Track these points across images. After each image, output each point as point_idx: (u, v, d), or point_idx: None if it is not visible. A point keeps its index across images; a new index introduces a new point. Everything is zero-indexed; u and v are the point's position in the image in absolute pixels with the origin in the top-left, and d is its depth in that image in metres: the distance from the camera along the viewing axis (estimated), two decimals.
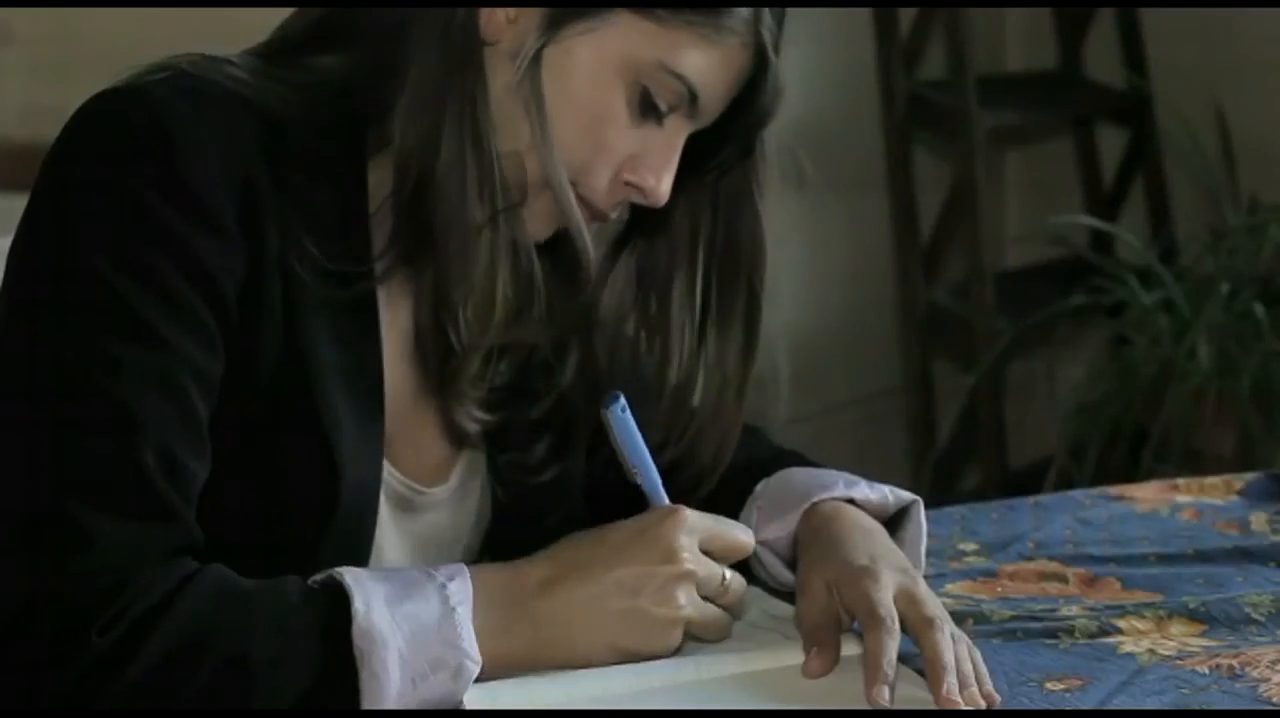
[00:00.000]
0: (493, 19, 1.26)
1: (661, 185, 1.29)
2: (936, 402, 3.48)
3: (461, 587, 1.19)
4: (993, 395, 3.33)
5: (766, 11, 1.27)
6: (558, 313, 1.33)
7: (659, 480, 1.31)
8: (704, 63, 1.26)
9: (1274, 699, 1.24)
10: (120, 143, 1.20)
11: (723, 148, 1.34)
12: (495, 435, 1.37)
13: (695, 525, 1.26)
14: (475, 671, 1.17)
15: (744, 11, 1.26)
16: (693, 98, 1.27)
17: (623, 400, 1.30)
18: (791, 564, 1.38)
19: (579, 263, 1.30)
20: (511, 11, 1.26)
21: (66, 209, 1.20)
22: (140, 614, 1.13)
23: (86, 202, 1.19)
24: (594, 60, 1.26)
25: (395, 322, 1.31)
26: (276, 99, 1.25)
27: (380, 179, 1.28)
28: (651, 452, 1.32)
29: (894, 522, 1.40)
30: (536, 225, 1.30)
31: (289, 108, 1.25)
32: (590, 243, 1.29)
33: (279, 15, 1.33)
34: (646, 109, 1.27)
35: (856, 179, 3.50)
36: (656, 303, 1.37)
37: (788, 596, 1.37)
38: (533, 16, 1.25)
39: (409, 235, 1.26)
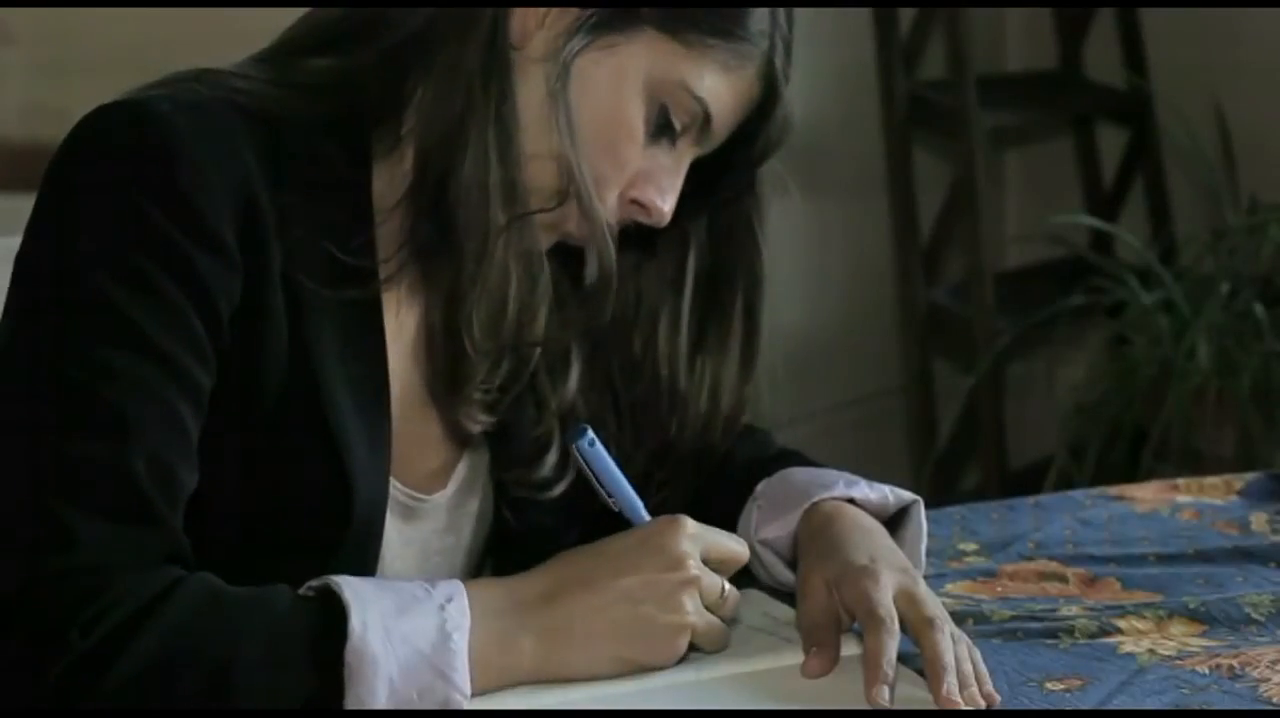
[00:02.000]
0: (521, 24, 1.26)
1: (666, 205, 1.30)
2: (936, 402, 3.48)
3: (459, 609, 1.18)
4: (993, 395, 3.32)
5: (780, 44, 1.30)
6: (565, 319, 1.33)
7: (639, 503, 1.30)
8: (720, 87, 1.28)
9: (1274, 699, 1.24)
10: (123, 158, 1.20)
11: (723, 178, 1.35)
12: (499, 447, 1.37)
13: (696, 534, 1.26)
14: (463, 704, 1.16)
15: (762, 42, 1.28)
16: (706, 121, 1.29)
17: (590, 433, 1.30)
18: (792, 564, 1.38)
19: (603, 273, 1.29)
20: (539, 16, 1.26)
21: (69, 219, 1.20)
22: (125, 618, 1.12)
23: (89, 212, 1.19)
24: (618, 75, 1.27)
25: (401, 328, 1.31)
26: (275, 101, 1.25)
27: (386, 182, 1.29)
28: (641, 471, 1.32)
29: (894, 522, 1.40)
30: (540, 234, 1.30)
31: (289, 109, 1.25)
32: (614, 252, 1.29)
33: (280, 15, 1.33)
34: (661, 128, 1.29)
35: (856, 179, 3.50)
36: (649, 326, 1.38)
37: (788, 596, 1.37)
38: (559, 25, 1.26)
39: (427, 233, 1.27)
